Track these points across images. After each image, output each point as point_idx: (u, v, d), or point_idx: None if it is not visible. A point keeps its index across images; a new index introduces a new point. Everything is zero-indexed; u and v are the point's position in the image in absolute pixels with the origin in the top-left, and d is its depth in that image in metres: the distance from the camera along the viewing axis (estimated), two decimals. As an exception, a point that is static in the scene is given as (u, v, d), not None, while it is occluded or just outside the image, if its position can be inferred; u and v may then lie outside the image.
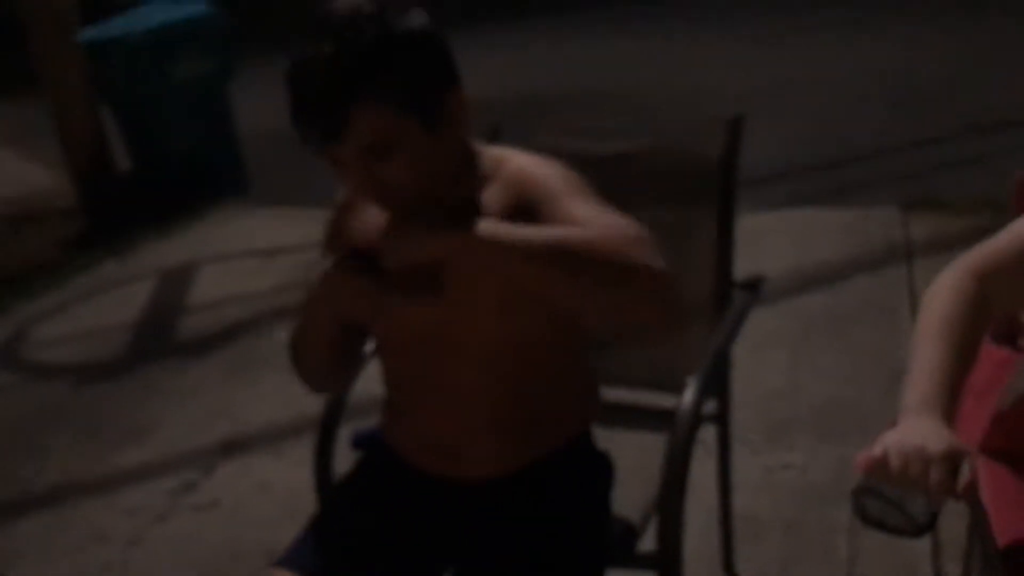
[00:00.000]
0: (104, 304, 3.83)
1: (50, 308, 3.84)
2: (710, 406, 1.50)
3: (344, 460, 1.34)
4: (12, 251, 4.69)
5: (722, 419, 1.53)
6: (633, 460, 1.44)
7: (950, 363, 0.95)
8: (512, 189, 1.05)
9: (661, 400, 1.43)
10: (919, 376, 0.94)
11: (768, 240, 3.38)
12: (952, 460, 0.85)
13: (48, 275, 4.20)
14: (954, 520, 0.92)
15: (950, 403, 0.92)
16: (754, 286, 1.48)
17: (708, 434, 1.56)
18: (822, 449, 2.13)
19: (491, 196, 1.06)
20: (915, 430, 0.88)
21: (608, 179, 1.52)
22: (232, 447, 2.54)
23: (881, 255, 3.20)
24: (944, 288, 1.02)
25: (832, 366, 2.50)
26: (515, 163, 1.08)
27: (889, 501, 0.86)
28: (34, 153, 6.57)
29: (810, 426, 2.24)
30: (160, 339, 3.42)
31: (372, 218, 1.12)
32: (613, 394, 1.39)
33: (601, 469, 1.24)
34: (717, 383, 1.48)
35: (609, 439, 1.30)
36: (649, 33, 8.62)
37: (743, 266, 1.54)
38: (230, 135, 5.16)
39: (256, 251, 4.14)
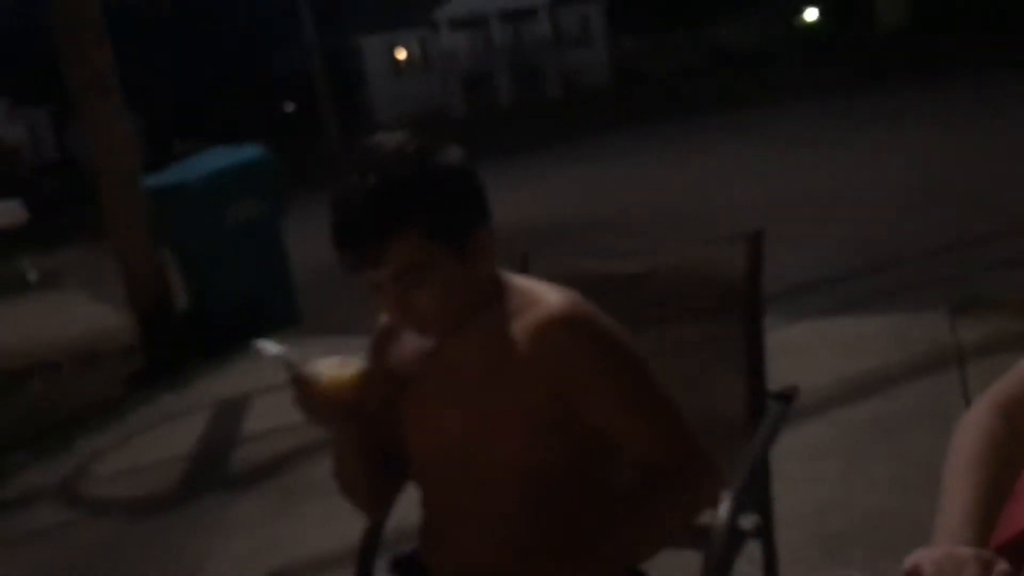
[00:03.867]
0: (161, 438, 3.92)
1: (110, 444, 3.95)
2: (753, 521, 1.48)
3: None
4: (78, 389, 4.87)
5: (766, 534, 1.50)
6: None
7: (977, 502, 0.96)
8: (539, 342, 1.08)
9: (701, 517, 1.42)
10: (947, 516, 0.95)
11: (813, 350, 3.35)
12: (983, 561, 0.85)
13: (110, 411, 4.33)
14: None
15: (977, 540, 0.92)
16: (788, 396, 1.48)
17: (757, 550, 1.53)
18: (880, 562, 2.04)
19: (515, 335, 1.10)
20: (943, 547, 0.89)
21: (635, 298, 1.58)
22: (280, 579, 2.53)
23: (931, 360, 3.15)
24: (971, 426, 1.03)
25: (886, 476, 2.43)
26: (546, 309, 1.09)
27: None
28: (102, 296, 6.91)
29: (866, 539, 2.16)
30: (212, 471, 3.47)
31: (408, 345, 1.18)
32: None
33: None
34: (756, 496, 1.46)
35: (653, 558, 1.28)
36: (678, 153, 8.86)
37: (787, 377, 1.54)
38: (282, 271, 5.37)
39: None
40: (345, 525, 2.81)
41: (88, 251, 8.74)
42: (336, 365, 1.11)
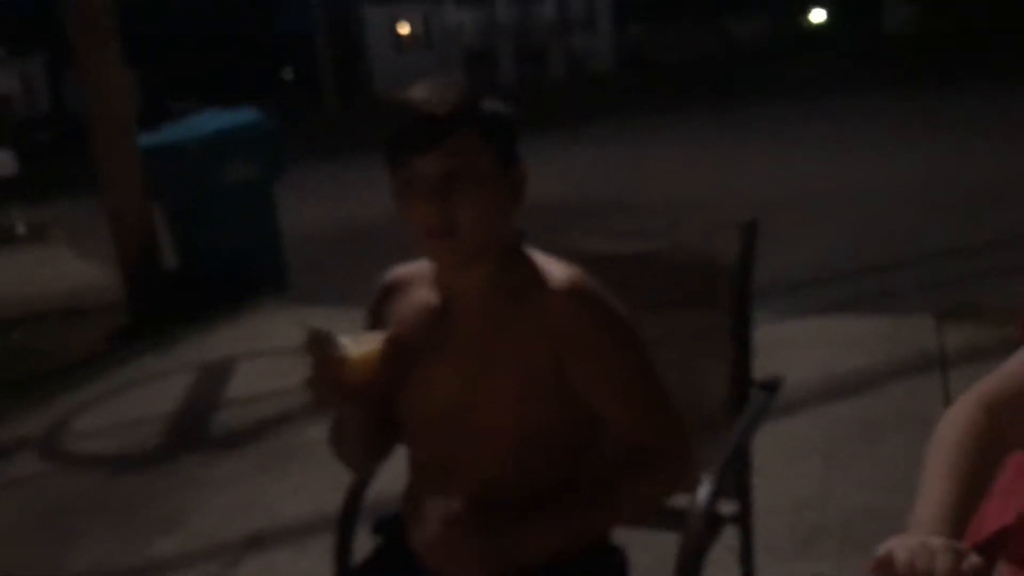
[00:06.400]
0: (143, 396, 3.91)
1: (91, 399, 3.93)
2: (732, 507, 1.49)
3: (364, 554, 1.35)
4: (61, 343, 4.84)
5: (744, 521, 1.51)
6: (650, 559, 1.43)
7: (956, 495, 0.96)
8: (546, 306, 1.11)
9: (676, 499, 1.43)
10: (923, 507, 0.96)
11: (800, 347, 3.37)
12: (955, 551, 0.85)
13: (92, 367, 4.32)
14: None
15: (953, 532, 0.92)
16: (772, 386, 1.49)
17: (735, 539, 1.54)
18: (853, 559, 2.07)
19: (522, 298, 1.12)
20: (917, 536, 0.90)
21: (628, 279, 1.58)
22: (257, 542, 2.54)
23: (915, 364, 3.17)
24: (955, 421, 1.03)
25: (864, 475, 2.45)
26: (555, 277, 1.13)
27: None
28: (89, 250, 6.87)
29: (841, 535, 2.19)
30: (194, 432, 3.47)
31: (412, 303, 1.19)
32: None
33: (615, 566, 1.24)
34: (737, 483, 1.47)
35: (627, 536, 1.30)
36: (678, 143, 8.89)
37: (775, 371, 1.54)
38: (274, 236, 5.35)
39: (292, 348, 4.21)
40: (324, 491, 2.81)
41: (77, 206, 8.68)
42: (353, 343, 1.09)
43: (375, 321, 1.24)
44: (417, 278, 1.22)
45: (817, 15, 39.79)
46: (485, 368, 1.12)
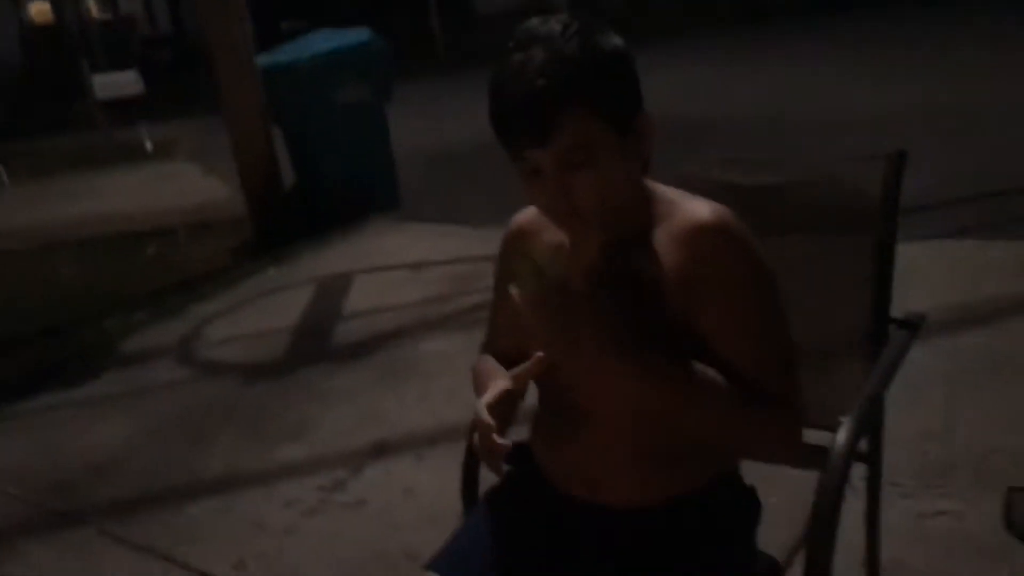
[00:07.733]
0: (268, 308, 4.12)
1: (220, 310, 4.17)
2: (861, 443, 1.46)
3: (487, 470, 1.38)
4: (191, 256, 5.13)
5: (873, 459, 1.49)
6: (781, 496, 1.43)
7: None
8: (685, 247, 1.07)
9: (812, 435, 1.41)
10: None
11: (924, 272, 3.21)
12: None
13: (220, 279, 4.56)
14: None
15: None
16: (914, 324, 1.43)
17: (855, 472, 1.52)
18: (981, 499, 2.01)
19: (661, 244, 1.08)
20: None
21: (760, 210, 1.53)
22: (379, 450, 2.67)
23: (1054, 294, 2.99)
24: None
25: (994, 410, 2.36)
26: (696, 216, 1.08)
27: None
28: (213, 166, 7.15)
29: (968, 472, 2.12)
30: (316, 343, 3.64)
31: (546, 243, 1.17)
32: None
33: (747, 505, 1.23)
34: (871, 422, 1.44)
35: (757, 472, 1.30)
36: (798, 58, 8.40)
37: (899, 297, 1.48)
38: (386, 155, 5.43)
39: (405, 264, 4.33)
40: (441, 404, 2.93)
41: (200, 122, 9.00)
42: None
43: (506, 270, 1.21)
44: (543, 221, 1.17)
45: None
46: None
